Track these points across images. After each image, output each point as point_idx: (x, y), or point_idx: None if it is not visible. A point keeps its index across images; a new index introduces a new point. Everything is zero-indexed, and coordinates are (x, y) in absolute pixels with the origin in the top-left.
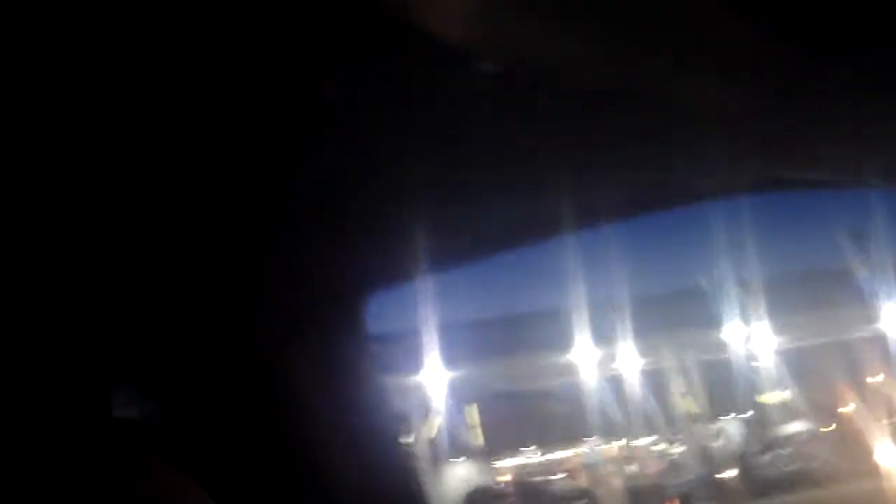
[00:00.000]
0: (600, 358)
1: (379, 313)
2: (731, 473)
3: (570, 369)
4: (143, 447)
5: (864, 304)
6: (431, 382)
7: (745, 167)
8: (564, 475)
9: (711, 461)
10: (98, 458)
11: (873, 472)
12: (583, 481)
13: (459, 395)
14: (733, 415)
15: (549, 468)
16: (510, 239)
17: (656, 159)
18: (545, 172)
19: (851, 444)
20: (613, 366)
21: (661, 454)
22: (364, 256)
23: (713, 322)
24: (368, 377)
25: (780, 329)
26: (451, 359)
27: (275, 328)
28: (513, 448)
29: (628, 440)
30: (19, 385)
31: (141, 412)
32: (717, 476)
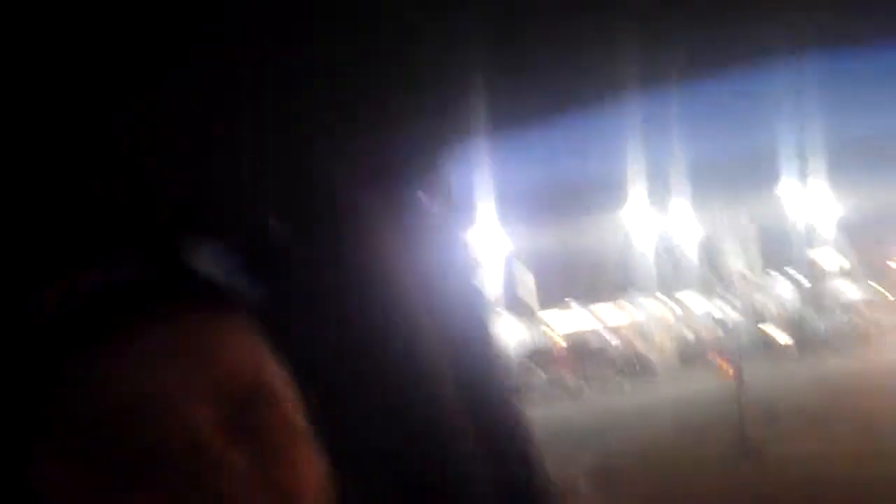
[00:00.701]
0: (655, 219)
1: (443, 175)
2: (783, 333)
3: (625, 231)
4: (222, 296)
5: None
6: (491, 240)
7: (810, 20)
8: (616, 334)
9: (757, 312)
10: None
11: None
12: (635, 340)
13: (516, 253)
14: (787, 277)
15: (602, 327)
16: (569, 102)
17: (722, 14)
18: (607, 31)
19: None
20: (668, 227)
21: (712, 314)
22: (428, 118)
23: (770, 185)
24: (444, 232)
25: (837, 193)
26: (509, 219)
27: (352, 181)
28: (567, 307)
29: (678, 299)
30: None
31: (218, 271)
32: (769, 337)
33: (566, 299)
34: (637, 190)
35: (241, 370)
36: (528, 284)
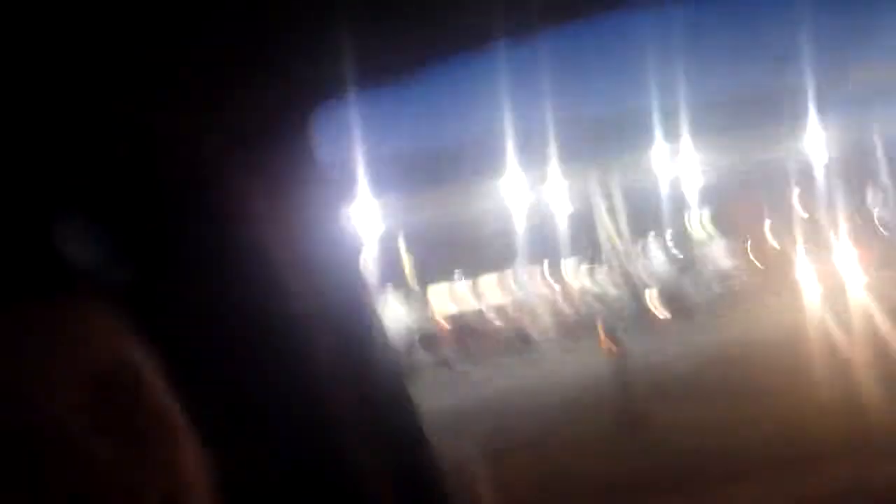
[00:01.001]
0: (526, 183)
1: (311, 139)
2: (653, 294)
3: (497, 195)
4: (81, 289)
5: (785, 126)
6: (364, 212)
7: None
8: (492, 303)
9: (634, 283)
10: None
11: (789, 288)
12: (511, 308)
13: (391, 225)
14: (655, 235)
15: (478, 297)
16: (438, 55)
17: None
18: None
19: (769, 263)
20: (539, 190)
21: (586, 276)
22: (294, 76)
23: (638, 145)
24: (317, 201)
25: (702, 151)
26: (381, 189)
27: (219, 141)
28: (443, 276)
29: (553, 265)
30: None
31: (82, 252)
32: (641, 300)
33: (448, 274)
34: (511, 155)
35: (101, 352)
36: (405, 260)
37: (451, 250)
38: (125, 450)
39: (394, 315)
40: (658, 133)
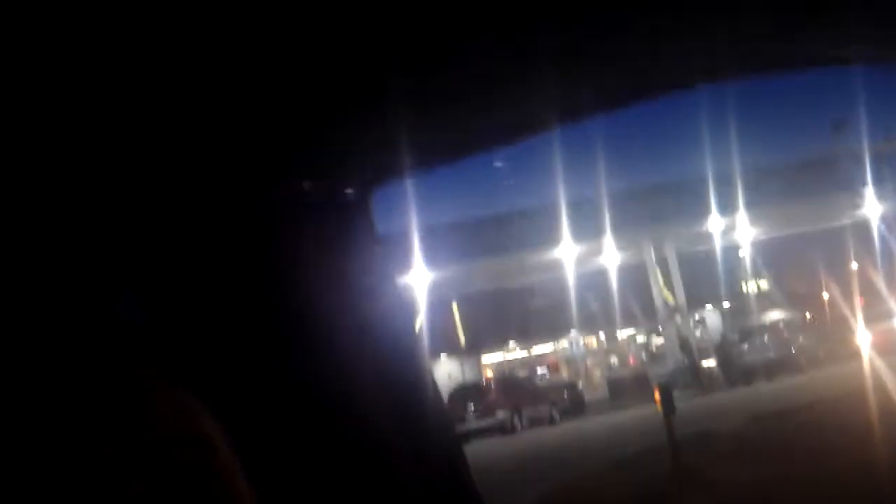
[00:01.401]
0: (581, 254)
1: (370, 213)
2: (712, 363)
3: (551, 266)
4: (135, 354)
5: (844, 194)
6: (417, 281)
7: (726, 49)
8: (546, 370)
9: (691, 351)
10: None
11: (850, 356)
12: (564, 375)
13: (444, 294)
14: (712, 306)
15: (532, 363)
16: (494, 137)
17: (642, 44)
18: (529, 65)
19: (829, 331)
20: (595, 261)
21: (642, 346)
22: (354, 154)
23: (693, 214)
24: (371, 270)
25: (760, 220)
26: (435, 259)
27: (273, 218)
28: (496, 344)
29: (609, 333)
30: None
31: (136, 318)
32: (698, 366)
33: (500, 340)
34: (565, 226)
35: (173, 419)
36: (459, 324)
37: (506, 319)
38: None
39: (448, 380)
40: (714, 203)
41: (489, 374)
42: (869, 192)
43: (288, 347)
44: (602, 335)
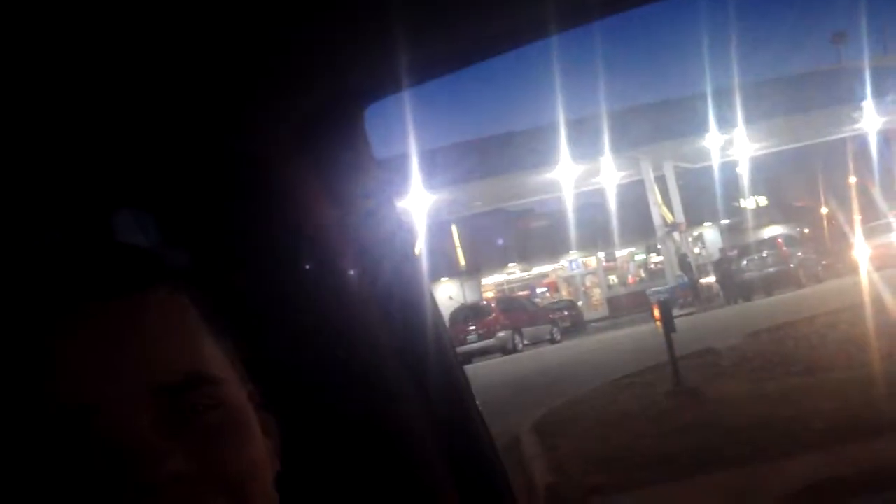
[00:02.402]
0: (580, 173)
1: (364, 133)
2: (711, 279)
3: (550, 186)
4: (147, 273)
5: (843, 107)
6: (416, 204)
7: None
8: (545, 290)
9: (690, 268)
10: (95, 279)
11: (849, 269)
12: (564, 294)
13: (443, 216)
14: (711, 223)
15: (532, 284)
16: (491, 44)
17: None
18: None
19: (827, 246)
20: (593, 180)
21: (641, 265)
22: (348, 70)
23: (691, 130)
24: (369, 192)
25: (758, 135)
26: (433, 181)
27: (279, 135)
28: (496, 265)
29: (608, 252)
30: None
31: (145, 240)
32: (697, 282)
33: (500, 262)
34: (563, 145)
35: (178, 358)
36: (459, 246)
37: (505, 240)
38: (201, 459)
39: (449, 301)
40: (713, 118)
41: (489, 295)
42: (868, 105)
43: (287, 271)
44: (601, 254)
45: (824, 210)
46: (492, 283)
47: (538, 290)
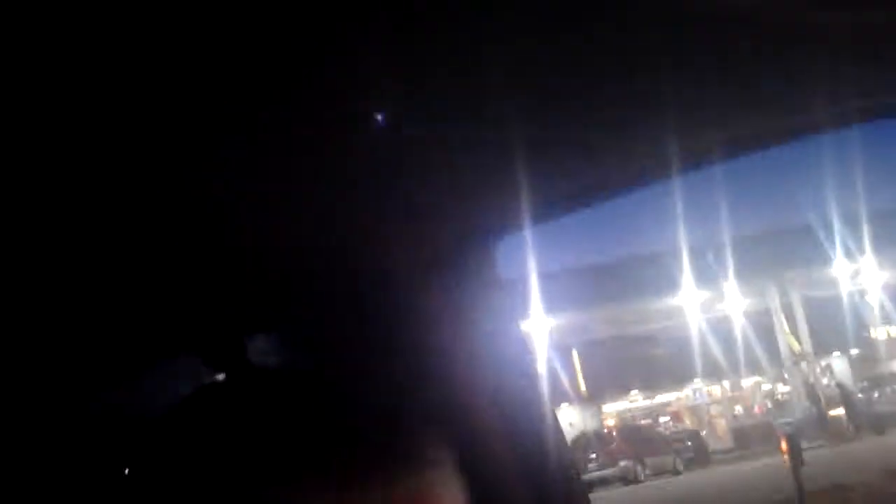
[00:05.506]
0: (704, 300)
1: (492, 261)
2: (840, 412)
3: (673, 313)
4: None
5: None
6: (538, 328)
7: (851, 94)
8: (668, 418)
9: (818, 400)
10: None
11: None
12: (687, 423)
13: (564, 341)
14: (839, 353)
15: (655, 412)
16: (614, 186)
17: (761, 94)
18: (645, 116)
19: None
20: (718, 307)
21: (767, 394)
22: (476, 207)
23: (818, 259)
24: (496, 322)
25: (888, 264)
26: (555, 306)
27: (409, 271)
28: (617, 392)
29: (733, 381)
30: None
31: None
32: (825, 414)
33: (622, 389)
34: (686, 272)
35: None
36: (580, 372)
37: (628, 366)
38: None
39: (570, 428)
40: (840, 246)
41: (611, 422)
42: None
43: (413, 387)
44: (726, 383)
45: None
46: (613, 411)
47: (661, 419)
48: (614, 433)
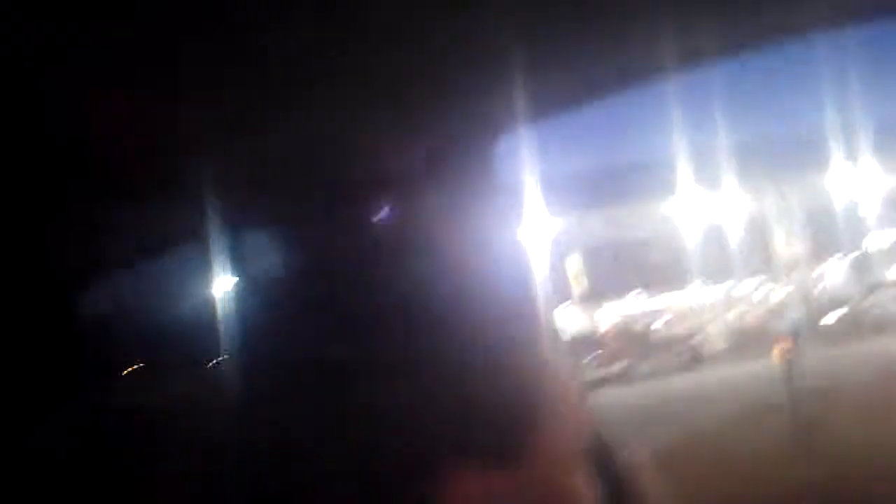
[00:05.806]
0: (700, 204)
1: (489, 160)
2: (836, 315)
3: (672, 216)
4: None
5: None
6: (537, 232)
7: None
8: (666, 321)
9: (816, 303)
10: None
11: None
12: (685, 327)
13: (564, 244)
14: (838, 257)
15: (652, 315)
16: (611, 85)
17: None
18: (644, 14)
19: None
20: (714, 212)
21: (763, 298)
22: (470, 105)
23: (817, 164)
24: (495, 224)
25: (887, 169)
26: (555, 209)
27: (410, 158)
28: (616, 295)
29: (729, 285)
30: None
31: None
32: (822, 318)
33: (618, 292)
34: (683, 174)
35: None
36: (578, 274)
37: (626, 268)
38: None
39: (567, 330)
40: (840, 150)
41: (606, 325)
42: None
43: (415, 299)
44: (722, 287)
45: None
46: (609, 314)
47: (656, 322)
48: (609, 336)
